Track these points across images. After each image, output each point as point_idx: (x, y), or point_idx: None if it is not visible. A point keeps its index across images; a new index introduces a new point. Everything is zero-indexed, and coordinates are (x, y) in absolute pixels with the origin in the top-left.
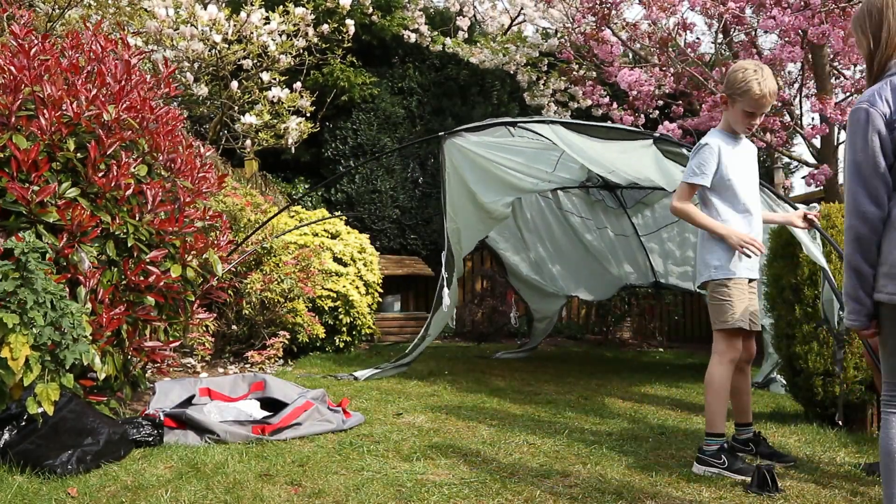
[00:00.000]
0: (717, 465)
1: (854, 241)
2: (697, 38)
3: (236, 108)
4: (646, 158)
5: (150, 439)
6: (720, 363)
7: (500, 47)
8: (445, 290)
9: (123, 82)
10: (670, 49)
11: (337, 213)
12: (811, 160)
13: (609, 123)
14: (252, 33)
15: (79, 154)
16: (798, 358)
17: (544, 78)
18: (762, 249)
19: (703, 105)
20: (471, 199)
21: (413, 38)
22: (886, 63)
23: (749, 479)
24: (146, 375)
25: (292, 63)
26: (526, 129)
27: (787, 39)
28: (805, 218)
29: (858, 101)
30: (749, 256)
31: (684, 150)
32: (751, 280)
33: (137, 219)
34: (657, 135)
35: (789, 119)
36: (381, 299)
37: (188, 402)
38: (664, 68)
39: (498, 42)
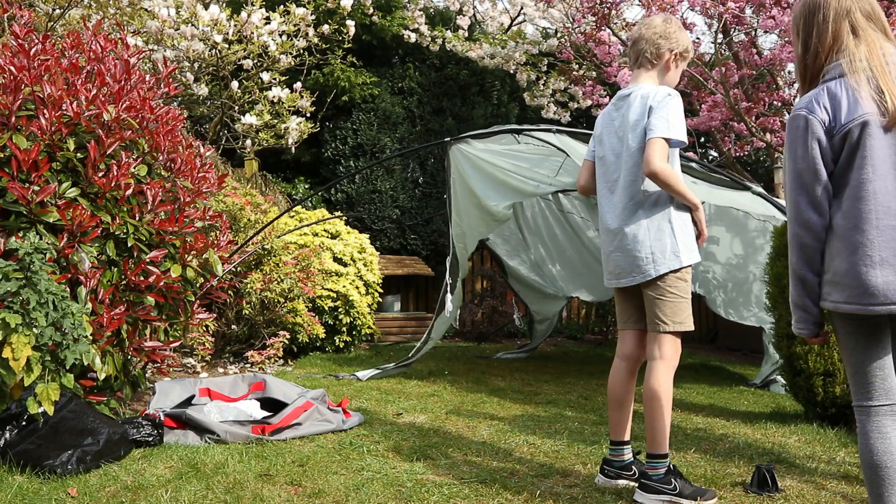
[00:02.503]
0: (667, 492)
1: (798, 249)
2: (697, 38)
3: (236, 108)
4: None
5: (150, 439)
6: (668, 372)
7: (498, 41)
8: (449, 295)
9: (123, 82)
10: None
11: (337, 214)
12: None
13: None
14: (252, 33)
15: (79, 154)
16: (798, 358)
17: (544, 78)
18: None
19: (702, 105)
20: (474, 202)
21: (413, 37)
22: (820, 69)
23: (708, 498)
24: (146, 375)
25: (292, 63)
26: (532, 137)
27: (787, 39)
28: None
29: (796, 108)
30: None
31: (693, 165)
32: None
33: (137, 219)
34: None
35: None
36: (381, 299)
37: (188, 402)
38: None
39: (497, 39)
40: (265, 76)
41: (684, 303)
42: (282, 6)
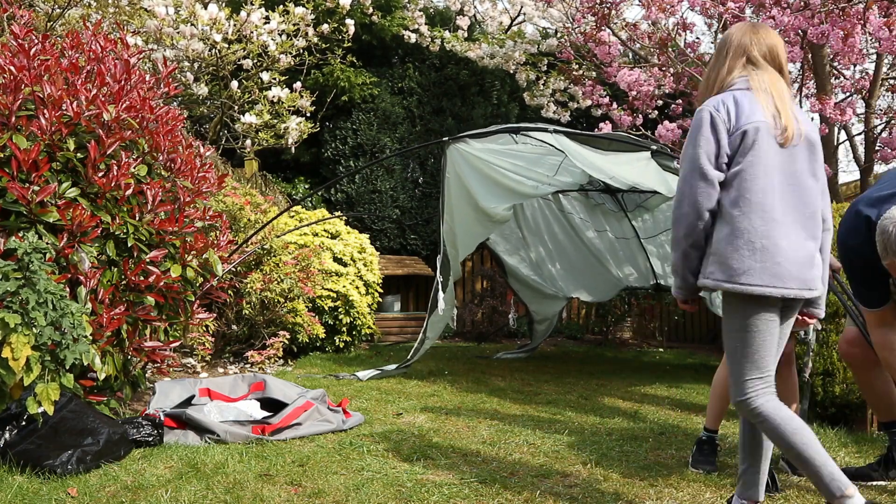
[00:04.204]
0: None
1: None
2: (697, 38)
3: (236, 107)
4: (646, 170)
5: (150, 439)
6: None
7: (497, 41)
8: (441, 293)
9: (123, 82)
10: (670, 49)
11: (337, 214)
12: None
13: (609, 133)
14: (252, 33)
15: (79, 154)
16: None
17: (544, 78)
18: None
19: None
20: (470, 202)
21: (413, 38)
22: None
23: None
24: (146, 375)
25: (292, 63)
26: (529, 136)
27: (786, 39)
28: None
29: (703, 106)
30: None
31: (676, 164)
32: None
33: (137, 219)
34: (654, 147)
35: None
36: (381, 299)
37: (188, 402)
38: (664, 68)
39: (496, 39)
40: (265, 76)
41: None
42: (281, 5)
